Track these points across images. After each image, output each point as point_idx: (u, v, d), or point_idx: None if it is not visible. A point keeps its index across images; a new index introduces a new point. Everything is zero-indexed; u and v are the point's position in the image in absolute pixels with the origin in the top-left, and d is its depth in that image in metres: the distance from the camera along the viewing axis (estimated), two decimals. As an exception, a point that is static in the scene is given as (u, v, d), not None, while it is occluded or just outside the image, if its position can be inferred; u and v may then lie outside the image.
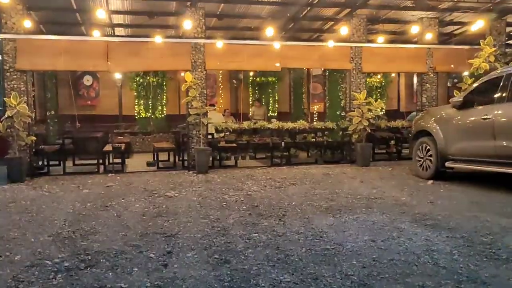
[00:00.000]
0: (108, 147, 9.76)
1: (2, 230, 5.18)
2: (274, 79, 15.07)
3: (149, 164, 9.78)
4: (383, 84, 15.95)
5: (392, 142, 11.03)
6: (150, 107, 14.15)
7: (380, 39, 12.03)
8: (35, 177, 9.08)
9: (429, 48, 10.99)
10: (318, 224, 5.27)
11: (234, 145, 10.20)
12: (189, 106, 9.63)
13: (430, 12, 10.76)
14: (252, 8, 10.80)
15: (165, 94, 14.28)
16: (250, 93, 15.10)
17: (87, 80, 13.76)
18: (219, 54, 9.84)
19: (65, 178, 9.01)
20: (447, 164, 8.00)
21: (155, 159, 10.06)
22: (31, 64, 8.93)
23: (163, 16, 10.79)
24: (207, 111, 9.62)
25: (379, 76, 15.74)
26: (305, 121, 10.82)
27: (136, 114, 14.16)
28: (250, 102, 14.96)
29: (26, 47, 8.89)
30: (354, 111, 10.36)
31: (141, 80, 13.98)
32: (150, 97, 14.09)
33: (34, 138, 8.81)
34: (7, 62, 8.84)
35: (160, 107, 14.20)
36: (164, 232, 5.02)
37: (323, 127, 10.41)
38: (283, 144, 10.27)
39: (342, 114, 11.06)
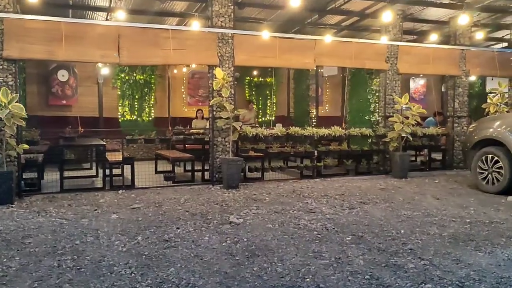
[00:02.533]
0: (114, 156, 7.93)
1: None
2: (272, 79, 13.74)
3: (167, 178, 8.06)
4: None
5: (425, 150, 10.12)
6: (136, 108, 12.25)
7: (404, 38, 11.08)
8: (24, 196, 7.09)
9: (462, 50, 10.21)
10: (478, 264, 4.10)
11: (261, 154, 8.77)
12: (216, 108, 8.09)
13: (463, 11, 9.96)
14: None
15: (153, 93, 12.45)
16: (246, 94, 13.63)
17: (62, 75, 11.60)
18: (250, 48, 8.39)
19: (65, 197, 7.11)
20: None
21: (173, 172, 8.35)
22: (21, 52, 6.96)
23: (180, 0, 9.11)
24: (238, 115, 8.10)
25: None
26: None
27: (119, 116, 12.21)
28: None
29: (16, 30, 6.92)
30: (391, 116, 9.34)
31: (126, 77, 12.07)
32: (136, 97, 12.21)
33: (26, 146, 6.84)
34: (-11, 48, 6.85)
35: (147, 109, 12.34)
36: (292, 285, 3.57)
37: (359, 134, 9.25)
38: (315, 153, 8.99)
39: (372, 120, 9.99)
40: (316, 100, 12.44)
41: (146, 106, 12.32)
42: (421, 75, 14.21)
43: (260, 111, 13.83)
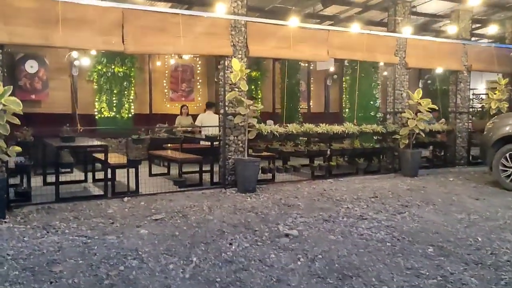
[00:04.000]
0: (117, 159, 6.90)
1: None
2: (257, 74, 12.99)
3: (177, 182, 7.12)
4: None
5: (431, 147, 9.84)
6: (115, 104, 11.09)
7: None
8: (13, 208, 5.95)
9: (464, 44, 10.03)
10: None
11: (272, 154, 8.08)
12: (228, 104, 7.31)
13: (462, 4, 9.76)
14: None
15: (133, 88, 11.32)
16: (231, 89, 12.78)
17: (31, 66, 10.21)
18: (263, 37, 7.64)
19: (64, 208, 6.05)
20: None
21: (180, 174, 7.44)
22: (10, 36, 5.80)
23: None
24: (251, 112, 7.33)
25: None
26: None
27: (96, 113, 10.99)
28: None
29: (3, 9, 5.76)
30: (400, 112, 8.98)
31: (104, 70, 10.87)
32: (115, 91, 11.04)
33: (18, 149, 5.70)
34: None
35: (127, 105, 11.19)
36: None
37: (371, 131, 8.77)
38: (328, 152, 8.42)
39: (378, 116, 9.57)
40: (308, 95, 11.87)
41: (125, 102, 11.17)
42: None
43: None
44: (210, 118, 9.68)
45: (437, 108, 9.45)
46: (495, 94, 9.78)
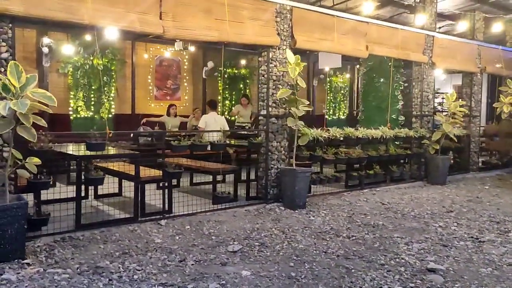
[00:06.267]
0: (148, 171, 5.43)
1: None
2: (246, 71, 11.82)
3: (219, 198, 5.76)
4: (346, 85, 14.25)
5: (450, 152, 9.33)
6: (93, 102, 9.35)
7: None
8: (26, 240, 4.33)
9: (478, 46, 9.66)
10: None
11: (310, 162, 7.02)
12: (272, 104, 6.17)
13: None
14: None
15: (114, 84, 9.64)
16: (219, 88, 11.45)
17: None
18: (308, 27, 6.56)
19: (94, 238, 4.57)
20: None
21: (215, 188, 6.10)
22: (27, 6, 4.22)
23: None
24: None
25: (348, 76, 13.99)
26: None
27: (71, 112, 9.20)
28: (219, 98, 11.35)
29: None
30: (428, 115, 8.38)
31: (81, 61, 9.10)
32: (93, 87, 9.31)
33: (37, 160, 4.13)
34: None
35: (107, 103, 9.49)
36: None
37: (405, 136, 8.02)
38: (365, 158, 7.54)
39: (400, 119, 8.88)
40: (312, 96, 10.95)
41: (105, 100, 9.48)
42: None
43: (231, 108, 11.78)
44: (217, 120, 8.25)
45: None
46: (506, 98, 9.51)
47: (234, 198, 6.32)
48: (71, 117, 9.19)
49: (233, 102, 11.64)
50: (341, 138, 6.99)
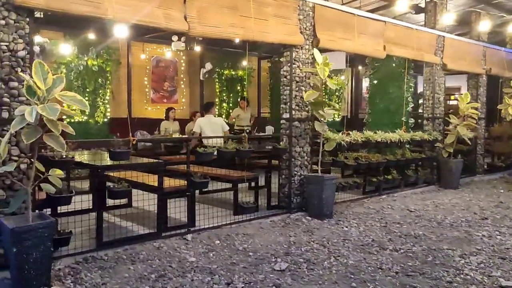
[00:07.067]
0: (171, 181, 4.97)
1: None
2: (243, 73, 11.40)
3: (245, 209, 5.34)
4: (340, 87, 13.97)
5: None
6: (89, 106, 8.76)
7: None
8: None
9: (484, 47, 9.55)
10: None
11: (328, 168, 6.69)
12: (295, 107, 5.81)
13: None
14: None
15: (109, 86, 9.07)
16: (217, 90, 10.99)
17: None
18: (331, 25, 6.23)
19: (120, 259, 4.10)
20: None
21: (237, 198, 5.67)
22: (44, -1, 3.73)
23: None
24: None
25: (343, 78, 13.71)
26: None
27: (64, 117, 8.58)
28: (216, 101, 10.91)
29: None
30: (439, 118, 8.20)
31: (75, 62, 8.50)
32: (88, 90, 8.72)
33: (60, 172, 3.64)
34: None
35: (102, 107, 8.91)
36: None
37: (420, 139, 7.78)
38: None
39: (411, 122, 8.65)
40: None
41: (100, 103, 8.91)
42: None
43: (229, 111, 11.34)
44: (214, 123, 7.61)
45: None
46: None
47: (255, 208, 5.90)
48: (65, 122, 8.56)
49: (231, 105, 11.20)
50: (361, 142, 6.68)
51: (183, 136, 8.38)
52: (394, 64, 8.54)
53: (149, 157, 6.21)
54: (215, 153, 5.15)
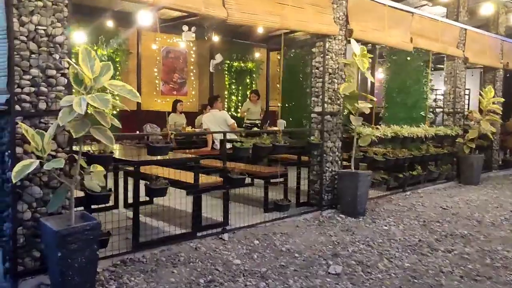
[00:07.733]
0: (206, 178, 4.68)
1: None
2: (252, 65, 11.10)
3: (279, 207, 5.08)
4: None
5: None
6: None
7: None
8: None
9: (502, 40, 9.38)
10: None
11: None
12: (334, 100, 5.56)
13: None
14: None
15: (119, 77, 8.71)
16: (226, 82, 10.67)
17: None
18: (363, 15, 5.98)
19: (160, 262, 3.83)
20: None
21: (268, 195, 5.41)
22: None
23: None
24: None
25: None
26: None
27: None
28: (226, 94, 10.59)
29: None
30: (460, 112, 8.02)
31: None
32: (97, 80, 8.36)
33: (101, 169, 3.36)
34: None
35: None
36: None
37: (444, 134, 7.60)
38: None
39: (430, 116, 8.44)
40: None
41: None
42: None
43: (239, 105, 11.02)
44: (217, 118, 7.27)
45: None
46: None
47: (284, 206, 5.64)
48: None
49: (240, 98, 10.90)
50: (390, 137, 6.45)
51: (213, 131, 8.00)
52: (408, 58, 8.31)
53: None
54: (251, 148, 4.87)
